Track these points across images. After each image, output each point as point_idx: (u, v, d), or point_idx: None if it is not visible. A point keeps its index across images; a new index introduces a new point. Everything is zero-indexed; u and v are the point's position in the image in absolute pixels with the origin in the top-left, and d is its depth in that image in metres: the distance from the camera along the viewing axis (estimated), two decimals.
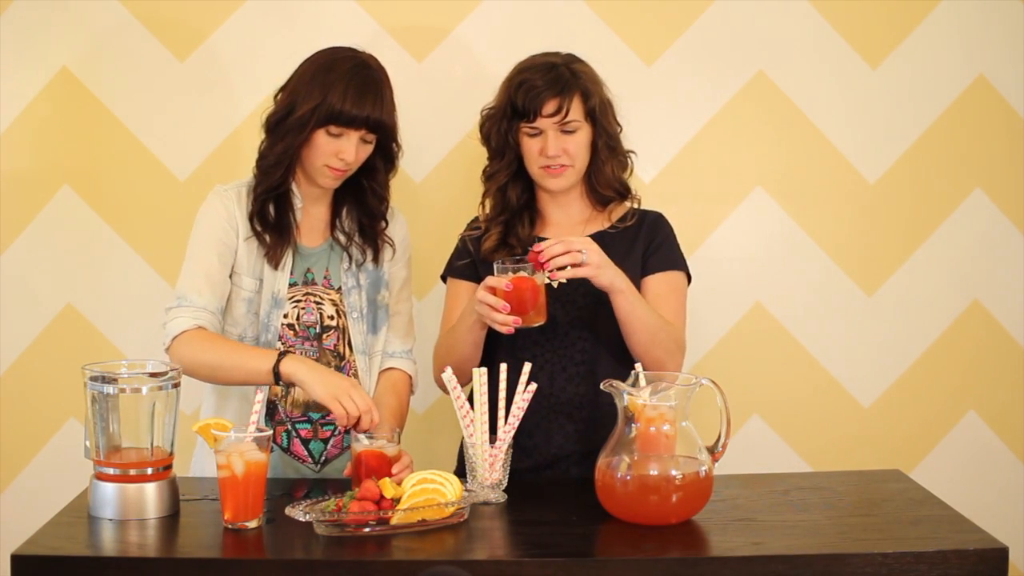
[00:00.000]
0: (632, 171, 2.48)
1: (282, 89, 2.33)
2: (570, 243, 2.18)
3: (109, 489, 1.99)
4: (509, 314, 2.18)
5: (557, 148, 2.34)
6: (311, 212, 2.41)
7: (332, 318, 2.38)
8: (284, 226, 2.35)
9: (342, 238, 2.41)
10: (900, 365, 2.95)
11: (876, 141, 2.91)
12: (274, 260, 2.34)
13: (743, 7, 2.86)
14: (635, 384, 2.05)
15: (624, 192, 2.45)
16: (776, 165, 2.92)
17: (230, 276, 2.34)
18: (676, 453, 1.97)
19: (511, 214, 2.44)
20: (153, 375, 2.05)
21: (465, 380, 2.28)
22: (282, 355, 2.19)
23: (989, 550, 1.84)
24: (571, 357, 2.37)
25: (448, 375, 2.19)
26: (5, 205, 2.87)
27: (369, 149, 2.33)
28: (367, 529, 1.91)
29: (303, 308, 2.37)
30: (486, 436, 2.16)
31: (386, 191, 2.42)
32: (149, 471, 2.00)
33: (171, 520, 2.00)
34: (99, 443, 2.01)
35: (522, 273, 2.19)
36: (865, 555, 1.82)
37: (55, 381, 2.88)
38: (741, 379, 2.85)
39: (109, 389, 2.00)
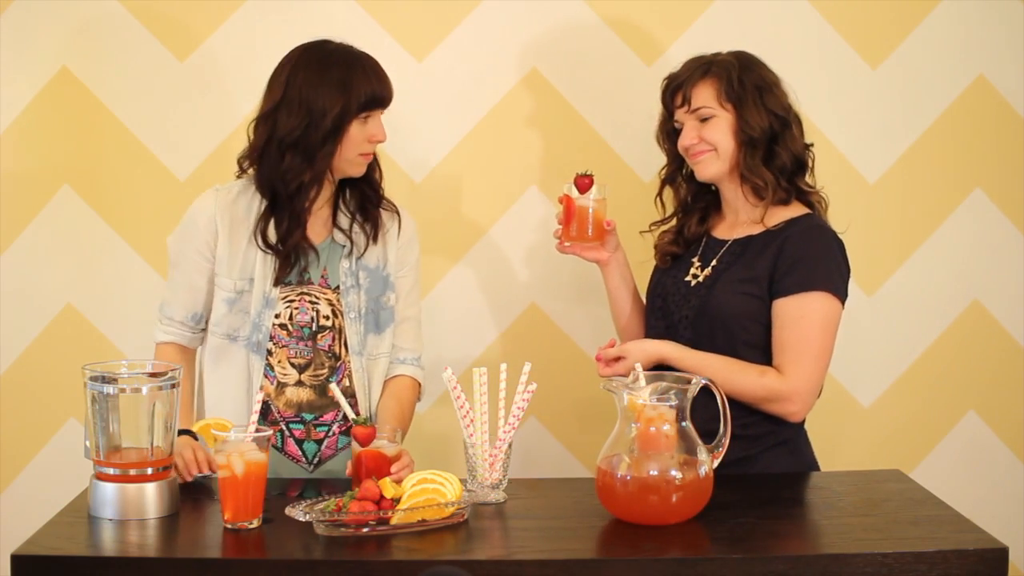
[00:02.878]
0: (813, 166, 2.39)
1: (277, 106, 2.28)
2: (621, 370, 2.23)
3: (109, 489, 1.99)
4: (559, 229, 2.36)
5: (690, 137, 2.32)
6: (315, 212, 2.40)
7: (328, 318, 2.37)
8: (295, 247, 2.34)
9: (344, 222, 2.39)
10: (900, 365, 2.95)
11: (876, 141, 2.91)
12: (281, 277, 2.34)
13: (743, 7, 2.86)
14: (635, 384, 2.05)
15: (769, 187, 2.31)
16: None
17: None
18: (676, 453, 1.97)
19: (685, 212, 2.45)
20: (153, 375, 2.05)
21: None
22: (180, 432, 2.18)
23: (989, 550, 1.84)
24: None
25: (447, 375, 2.19)
26: (5, 205, 2.87)
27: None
28: (367, 529, 1.91)
29: (296, 308, 2.36)
30: (486, 436, 2.16)
31: (376, 172, 2.43)
32: (149, 471, 2.00)
33: (171, 520, 2.00)
34: (99, 443, 2.01)
35: (571, 193, 2.34)
36: (865, 555, 1.82)
37: (55, 381, 2.88)
38: None
39: (109, 389, 2.00)
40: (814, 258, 2.28)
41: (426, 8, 2.86)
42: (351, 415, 2.18)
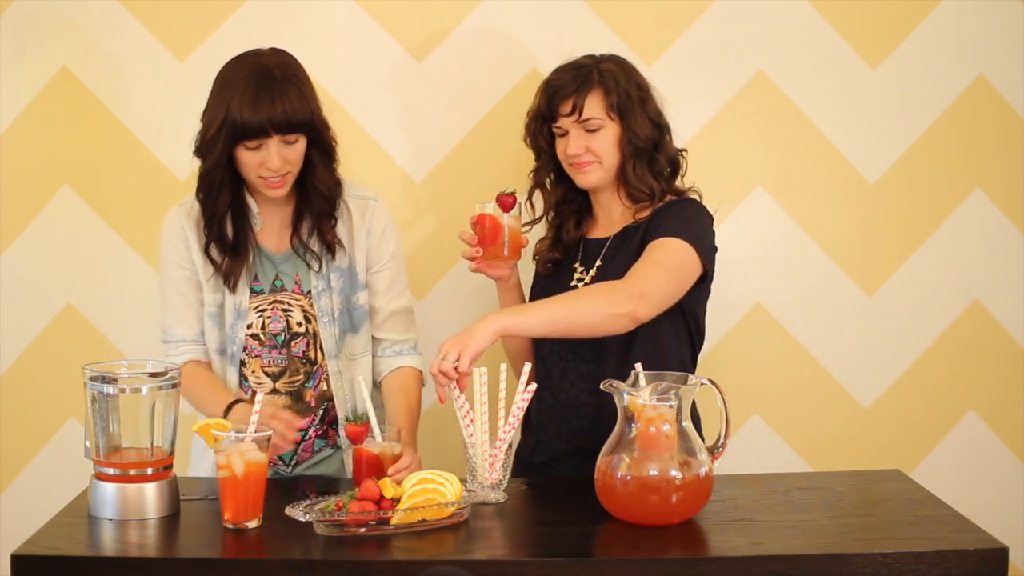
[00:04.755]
0: (686, 171, 2.46)
1: (204, 110, 2.30)
2: (438, 366, 2.10)
3: (109, 489, 1.99)
4: (473, 246, 2.31)
5: (578, 147, 2.35)
6: (274, 218, 2.39)
7: (301, 324, 2.37)
8: (240, 247, 2.33)
9: (299, 246, 2.37)
10: (900, 365, 2.95)
11: (876, 141, 2.91)
12: (232, 283, 2.33)
13: (743, 7, 2.86)
14: (635, 384, 2.05)
15: (651, 195, 2.38)
16: (776, 165, 2.92)
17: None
18: (676, 453, 1.97)
19: (562, 216, 2.47)
20: (153, 375, 2.05)
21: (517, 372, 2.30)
22: (231, 406, 2.19)
23: (989, 550, 1.84)
24: (582, 355, 2.36)
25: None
26: (5, 205, 2.87)
27: (298, 149, 2.27)
28: (367, 529, 1.91)
29: (268, 317, 2.36)
30: (486, 436, 2.15)
31: (329, 186, 2.35)
32: (149, 471, 2.00)
33: (171, 520, 2.00)
34: (99, 443, 2.01)
35: (488, 211, 2.31)
36: (865, 555, 1.82)
37: (55, 381, 2.88)
38: (741, 379, 2.85)
39: (109, 389, 2.00)
40: (682, 219, 2.32)
41: (426, 8, 2.85)
42: (378, 436, 2.17)
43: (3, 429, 2.90)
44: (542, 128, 2.42)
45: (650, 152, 2.38)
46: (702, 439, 2.06)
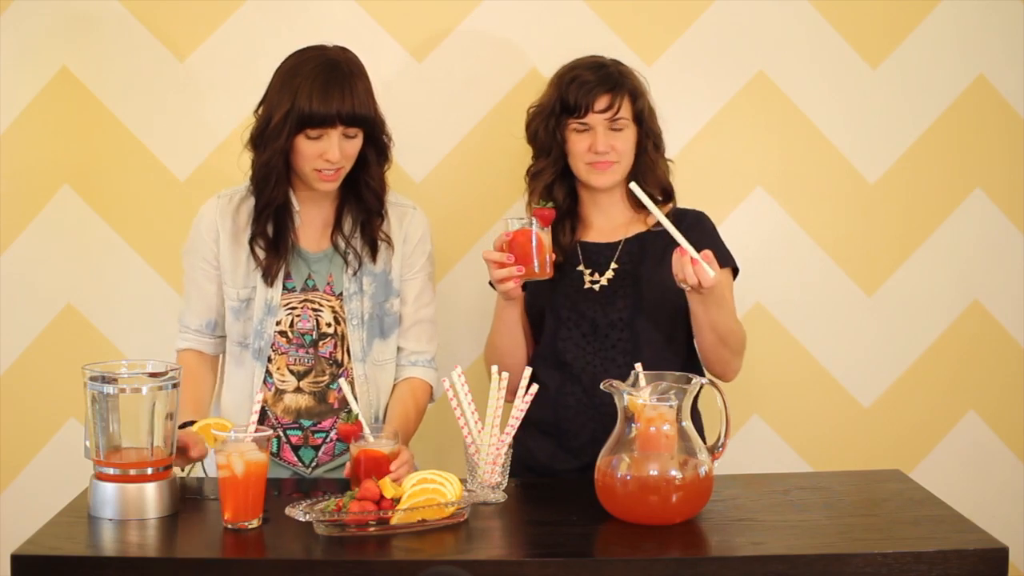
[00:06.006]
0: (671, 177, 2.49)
1: (261, 103, 2.32)
2: (705, 276, 2.14)
3: (109, 489, 1.99)
4: (512, 265, 2.24)
5: (606, 144, 2.35)
6: (314, 217, 2.39)
7: (330, 325, 2.37)
8: (281, 243, 2.34)
9: (341, 243, 2.39)
10: (900, 365, 2.95)
11: (876, 141, 2.91)
12: (270, 277, 2.34)
13: (743, 7, 2.86)
14: (635, 384, 2.05)
15: (669, 194, 2.44)
16: (776, 165, 2.92)
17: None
18: (676, 453, 1.97)
19: (555, 219, 2.44)
20: (153, 375, 2.05)
21: (515, 382, 2.26)
22: (184, 425, 2.19)
23: (989, 550, 1.84)
24: (613, 359, 2.36)
25: (455, 376, 2.18)
26: (5, 205, 2.87)
27: (356, 144, 2.30)
28: (368, 529, 1.91)
29: (298, 315, 2.36)
30: (491, 437, 2.15)
31: (381, 184, 2.38)
32: (149, 471, 2.00)
33: (171, 520, 2.00)
34: (99, 443, 2.01)
35: (525, 226, 2.25)
36: (865, 555, 1.83)
37: (55, 381, 2.88)
38: (741, 379, 2.84)
39: (109, 389, 2.00)
40: (714, 240, 2.40)
41: (426, 8, 2.86)
42: (369, 436, 2.17)
43: (3, 429, 2.90)
44: (558, 123, 2.40)
45: (662, 156, 2.44)
46: (702, 439, 2.07)
